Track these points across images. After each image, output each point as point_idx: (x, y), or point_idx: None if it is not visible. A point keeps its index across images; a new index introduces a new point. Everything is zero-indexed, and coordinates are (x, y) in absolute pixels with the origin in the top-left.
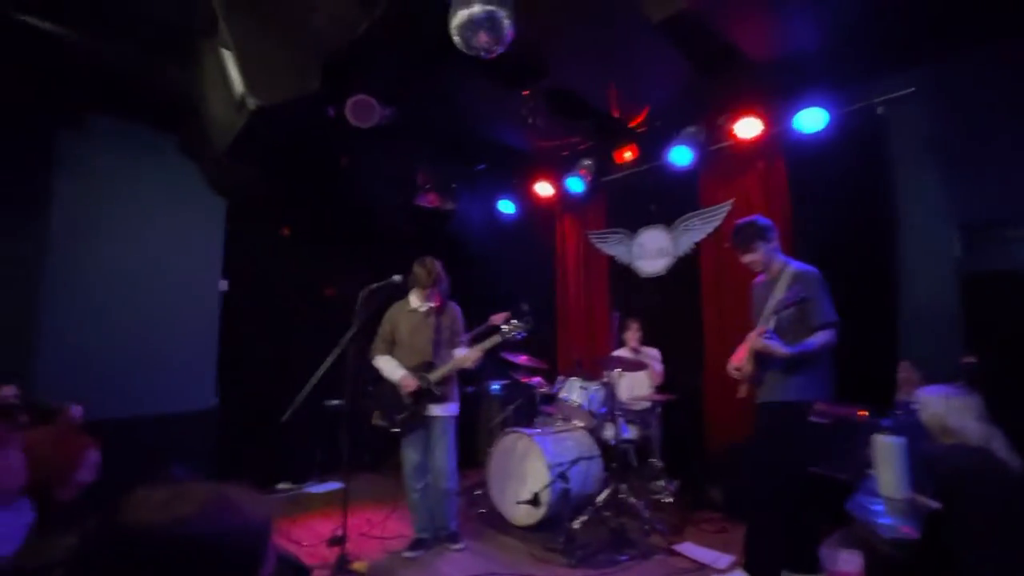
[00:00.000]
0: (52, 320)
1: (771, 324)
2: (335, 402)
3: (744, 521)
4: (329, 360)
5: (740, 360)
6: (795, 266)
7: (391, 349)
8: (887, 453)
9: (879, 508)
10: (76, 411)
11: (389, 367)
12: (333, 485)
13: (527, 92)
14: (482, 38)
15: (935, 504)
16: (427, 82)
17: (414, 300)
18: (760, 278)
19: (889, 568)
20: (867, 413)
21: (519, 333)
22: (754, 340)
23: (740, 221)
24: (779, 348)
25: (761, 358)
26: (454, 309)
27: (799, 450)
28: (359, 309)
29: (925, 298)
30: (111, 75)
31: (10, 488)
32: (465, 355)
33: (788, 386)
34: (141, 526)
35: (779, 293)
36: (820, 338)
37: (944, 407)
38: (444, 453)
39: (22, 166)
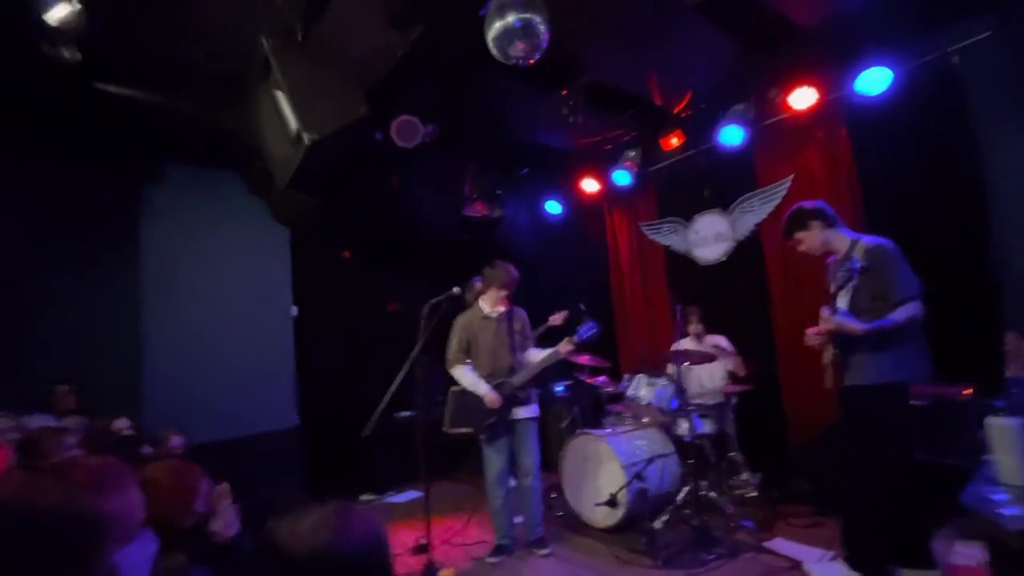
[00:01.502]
0: (152, 356)
1: (842, 302)
2: (406, 413)
3: (839, 514)
4: (401, 374)
5: (817, 331)
6: (867, 240)
7: (466, 358)
8: (1005, 437)
9: (1002, 497)
10: (176, 440)
11: (470, 380)
12: (412, 494)
13: (565, 92)
14: (519, 47)
15: None
16: (466, 95)
17: (485, 307)
18: (832, 258)
19: (1019, 563)
20: (972, 391)
21: (589, 328)
22: (825, 319)
23: (786, 212)
24: (853, 325)
25: (842, 340)
26: (521, 313)
27: (898, 435)
28: (423, 323)
29: None
30: (180, 126)
31: (133, 525)
32: (550, 352)
33: (878, 367)
34: (300, 554)
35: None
36: (902, 312)
37: None
38: (530, 454)
39: (113, 215)
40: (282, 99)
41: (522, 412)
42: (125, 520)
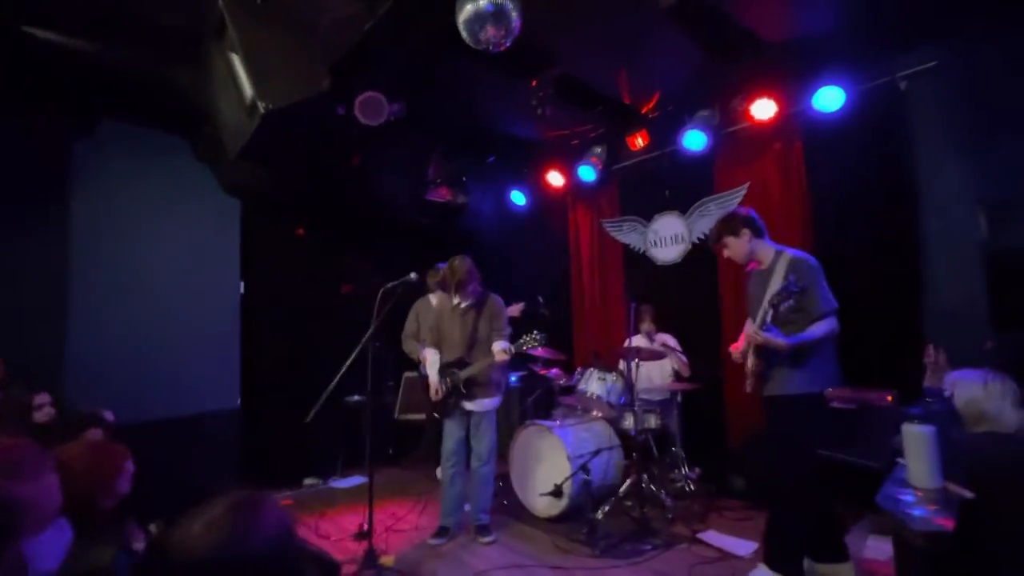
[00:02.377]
0: (78, 327)
1: (769, 316)
2: (356, 398)
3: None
4: (351, 358)
5: (739, 348)
6: (791, 253)
7: (437, 342)
8: (917, 443)
9: (910, 499)
10: (108, 416)
11: (431, 361)
12: (357, 479)
13: (535, 82)
14: (490, 32)
15: (968, 494)
16: (434, 77)
17: (455, 296)
18: (753, 267)
19: (922, 562)
20: (892, 398)
21: (535, 347)
22: (752, 334)
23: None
24: (779, 340)
25: (763, 351)
26: (495, 303)
27: (812, 442)
28: (377, 308)
29: (949, 279)
30: (120, 81)
31: (49, 512)
32: (489, 361)
33: (794, 379)
34: (191, 560)
35: (775, 283)
36: (821, 327)
37: (983, 392)
38: (481, 440)
39: (38, 175)
40: (237, 63)
41: (470, 405)
42: (39, 507)
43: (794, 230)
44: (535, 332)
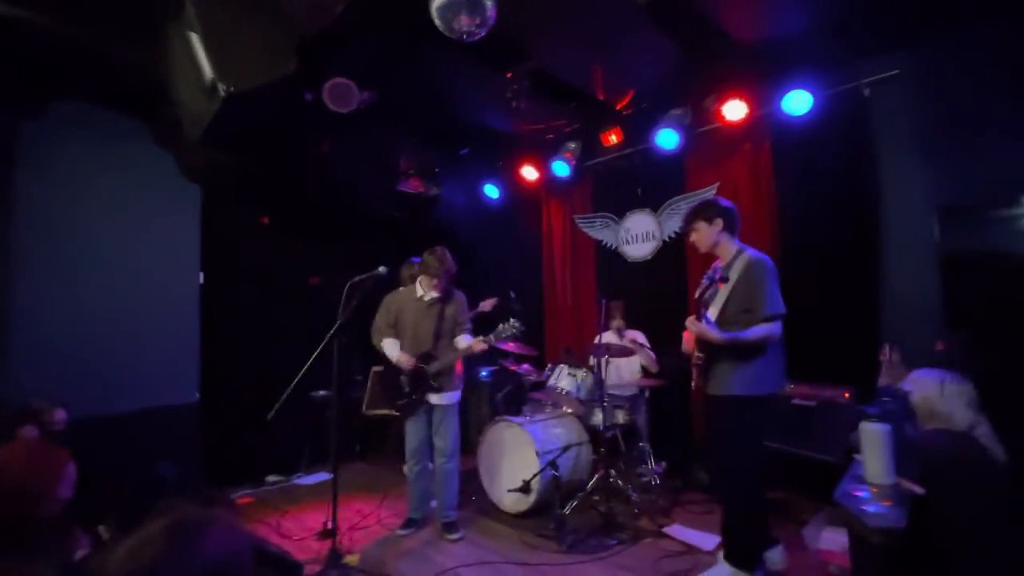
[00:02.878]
0: (24, 317)
1: (713, 311)
2: (322, 393)
3: None
4: (316, 353)
5: (690, 345)
6: (750, 253)
7: (395, 334)
8: (873, 440)
9: (866, 495)
10: (60, 415)
11: (390, 348)
12: (322, 476)
13: (510, 74)
14: (464, 20)
15: (919, 490)
16: (408, 65)
17: (420, 289)
18: (717, 263)
19: (876, 555)
20: (850, 395)
21: (515, 333)
22: (690, 323)
23: (702, 201)
24: (712, 333)
25: (708, 349)
26: (459, 298)
27: (753, 442)
28: (344, 302)
29: (905, 281)
30: (71, 59)
31: None
32: (462, 348)
33: (735, 380)
34: None
35: (732, 280)
36: (760, 330)
37: (938, 391)
38: (445, 437)
39: None
40: (196, 42)
41: (436, 399)
42: None
43: (761, 230)
44: (511, 320)
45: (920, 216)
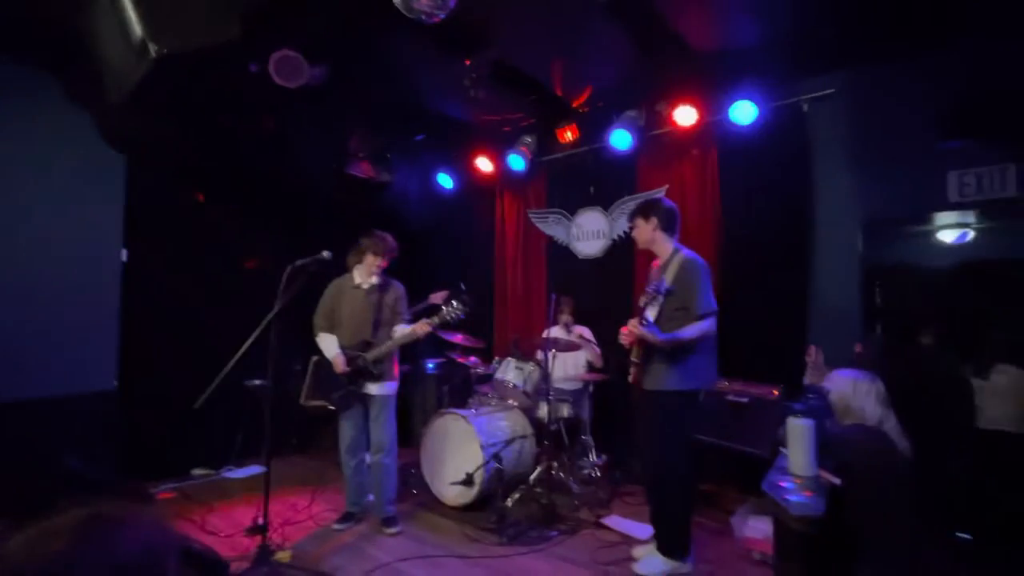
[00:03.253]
0: None
1: (651, 312)
2: (258, 382)
3: None
4: (251, 339)
5: (629, 339)
6: (685, 253)
7: (332, 326)
8: (798, 435)
9: (789, 486)
10: None
11: (327, 344)
12: (255, 469)
13: (469, 62)
14: (423, 0)
15: (837, 481)
16: (362, 42)
17: (357, 276)
18: (656, 263)
19: (797, 542)
20: (779, 392)
21: (459, 315)
22: (632, 327)
23: (646, 200)
24: (654, 336)
25: (648, 347)
26: (397, 288)
27: (685, 435)
28: (284, 286)
29: (832, 288)
30: None
31: None
32: (406, 332)
33: (671, 376)
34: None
35: (667, 279)
36: (696, 328)
37: (851, 389)
38: (382, 429)
39: None
40: None
41: (375, 388)
42: None
43: (706, 234)
44: (454, 303)
45: (847, 228)
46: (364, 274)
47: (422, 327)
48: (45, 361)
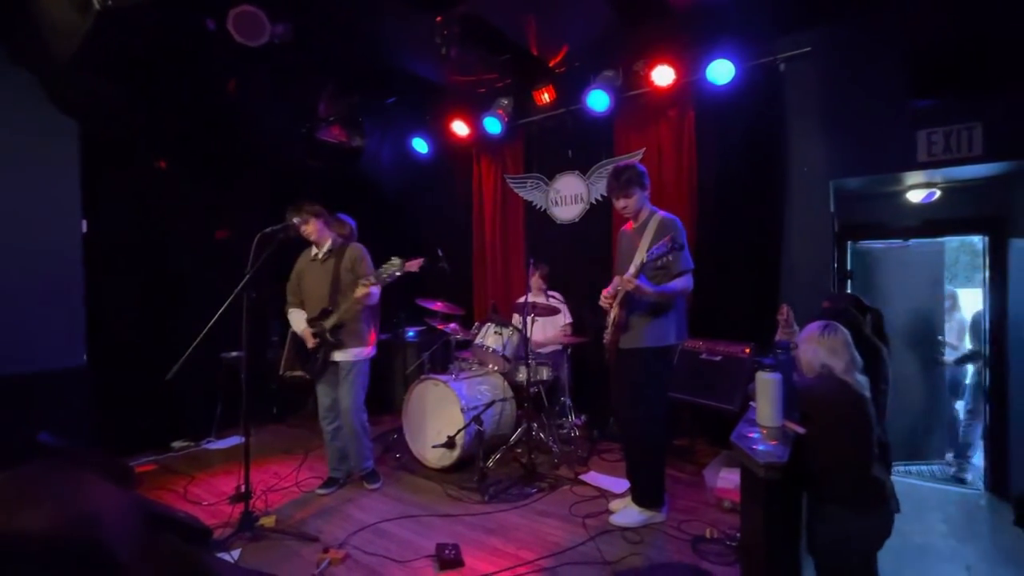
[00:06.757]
0: None
1: (634, 270)
2: (235, 353)
3: None
4: (221, 310)
5: (608, 293)
6: (661, 214)
7: (301, 301)
8: (765, 387)
9: (756, 436)
10: None
11: (295, 319)
12: (236, 440)
13: (440, 18)
14: None
15: (801, 430)
16: None
17: (314, 248)
18: (628, 226)
19: (762, 487)
20: (750, 350)
21: (394, 272)
22: (625, 281)
23: (620, 164)
24: (648, 288)
25: (627, 304)
26: (356, 250)
27: (661, 389)
28: (254, 255)
29: (804, 247)
30: None
31: None
32: (359, 296)
33: (649, 334)
34: None
35: (647, 241)
36: (680, 283)
37: (816, 342)
38: (347, 394)
39: None
40: None
41: (339, 355)
42: None
43: (682, 196)
44: (392, 258)
45: (819, 190)
46: (316, 245)
47: (361, 289)
48: (8, 339)
